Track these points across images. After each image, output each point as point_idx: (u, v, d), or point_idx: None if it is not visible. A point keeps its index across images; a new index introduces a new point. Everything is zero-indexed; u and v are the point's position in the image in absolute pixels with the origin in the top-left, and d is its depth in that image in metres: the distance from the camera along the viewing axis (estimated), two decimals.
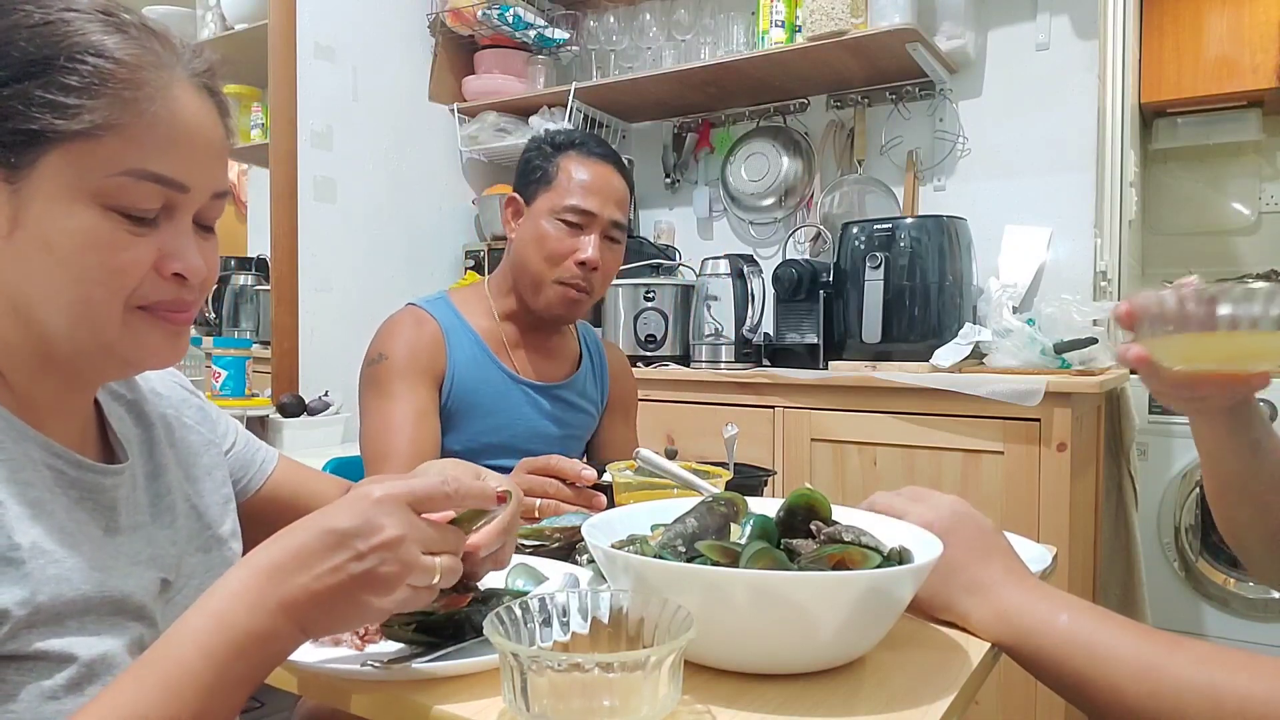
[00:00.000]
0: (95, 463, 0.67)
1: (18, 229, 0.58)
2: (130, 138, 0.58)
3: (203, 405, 0.84)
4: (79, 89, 0.57)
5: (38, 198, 0.58)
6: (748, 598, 0.57)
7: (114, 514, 0.67)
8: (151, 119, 0.59)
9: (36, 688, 0.56)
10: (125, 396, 0.76)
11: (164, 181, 0.60)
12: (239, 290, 2.54)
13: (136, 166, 0.59)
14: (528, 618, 0.57)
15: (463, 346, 1.34)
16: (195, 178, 0.62)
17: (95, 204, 0.58)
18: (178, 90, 0.61)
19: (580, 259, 1.31)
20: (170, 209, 0.62)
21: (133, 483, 0.71)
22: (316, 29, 2.39)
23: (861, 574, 0.61)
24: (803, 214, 2.67)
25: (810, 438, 2.01)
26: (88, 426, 0.70)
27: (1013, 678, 1.74)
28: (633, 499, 0.93)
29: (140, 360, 0.65)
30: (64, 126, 0.57)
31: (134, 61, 0.59)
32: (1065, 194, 2.27)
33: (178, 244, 0.62)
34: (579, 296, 1.34)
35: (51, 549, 0.59)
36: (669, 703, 0.53)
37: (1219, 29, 2.53)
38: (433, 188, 2.79)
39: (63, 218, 0.58)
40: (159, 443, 0.76)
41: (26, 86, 0.57)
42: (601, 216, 1.33)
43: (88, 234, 0.58)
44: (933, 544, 0.68)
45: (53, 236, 0.58)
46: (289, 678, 0.65)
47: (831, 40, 2.19)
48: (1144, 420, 2.42)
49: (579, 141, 1.37)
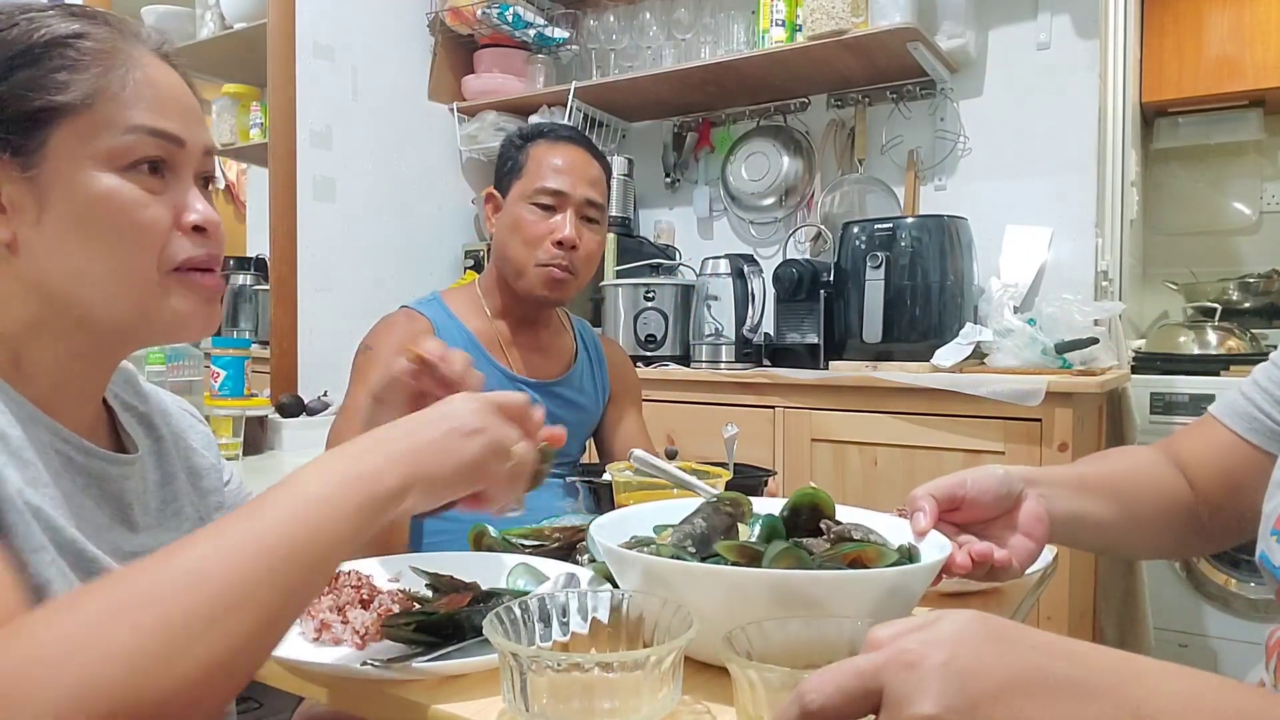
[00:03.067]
0: (104, 450, 0.68)
1: (45, 213, 0.62)
2: (121, 101, 0.63)
3: (208, 434, 0.86)
4: (63, 66, 0.62)
5: (57, 179, 0.62)
6: (771, 597, 0.57)
7: (124, 505, 0.69)
8: (135, 84, 0.64)
9: None
10: (137, 408, 0.77)
11: (163, 135, 0.65)
12: (238, 290, 2.53)
13: (136, 124, 0.63)
14: (527, 618, 0.57)
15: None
16: (187, 131, 0.66)
17: (110, 169, 0.62)
18: (147, 60, 0.66)
19: (557, 238, 1.33)
20: (173, 166, 0.66)
21: (143, 481, 0.72)
22: (316, 28, 2.38)
23: (886, 571, 0.61)
24: (803, 213, 2.67)
25: (810, 438, 2.01)
26: (99, 422, 0.72)
27: None
28: (633, 499, 0.93)
29: (179, 326, 0.68)
30: (60, 100, 0.61)
31: (106, 37, 0.64)
32: (1066, 194, 2.27)
33: (188, 198, 0.67)
34: (562, 276, 1.35)
35: (60, 523, 0.59)
36: (669, 702, 0.53)
37: (1220, 28, 2.53)
38: (432, 187, 2.79)
39: (85, 189, 0.62)
40: (168, 454, 0.77)
41: (17, 76, 0.61)
42: (574, 195, 1.34)
43: (111, 198, 0.62)
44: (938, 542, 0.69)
45: (80, 210, 0.62)
46: (289, 678, 0.65)
47: (832, 39, 2.19)
48: (1145, 420, 2.42)
49: (547, 130, 1.40)
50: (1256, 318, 2.75)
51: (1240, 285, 2.77)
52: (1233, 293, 2.76)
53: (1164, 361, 2.53)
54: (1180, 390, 2.46)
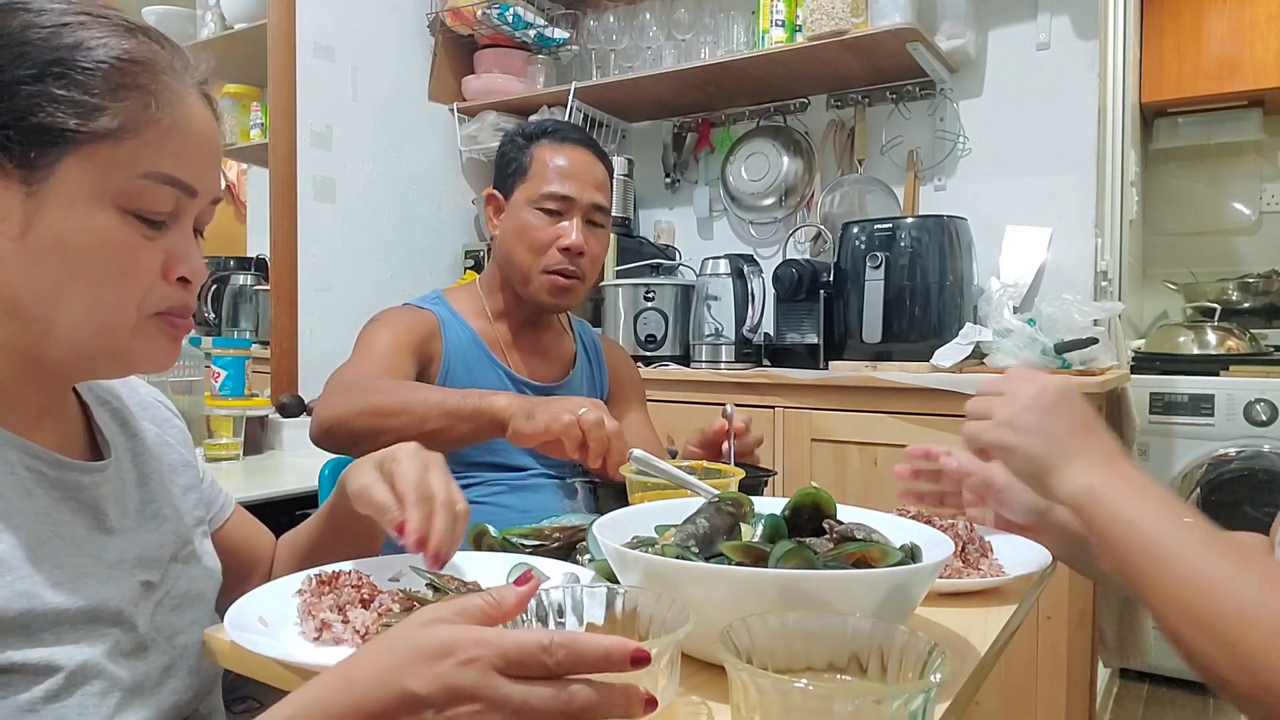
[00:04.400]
0: (76, 461, 0.67)
1: (30, 231, 0.59)
2: (149, 141, 0.60)
3: (183, 429, 0.85)
4: (99, 90, 0.58)
5: (55, 201, 0.58)
6: (779, 597, 0.57)
7: (100, 512, 0.67)
8: (169, 124, 0.61)
9: (14, 701, 0.56)
10: (111, 404, 0.76)
11: (179, 185, 0.62)
12: (238, 290, 2.53)
13: (156, 169, 0.60)
14: (525, 615, 0.57)
15: (459, 340, 1.34)
16: (203, 182, 0.64)
17: (114, 207, 0.60)
18: (189, 97, 0.63)
19: (564, 245, 1.31)
20: (177, 213, 0.63)
21: (120, 483, 0.71)
22: (316, 29, 2.38)
23: (893, 570, 0.61)
24: (803, 214, 2.67)
25: (810, 438, 2.01)
26: (73, 426, 0.71)
27: (1013, 678, 1.73)
28: (647, 499, 0.92)
29: (142, 365, 0.66)
30: (86, 128, 0.58)
31: (152, 65, 0.61)
32: (1066, 194, 2.27)
33: (183, 248, 0.64)
34: (569, 283, 1.33)
35: (18, 565, 0.58)
36: (667, 694, 0.53)
37: (1220, 29, 2.53)
38: (432, 187, 2.79)
39: (82, 219, 0.59)
40: (145, 452, 0.76)
41: (48, 85, 0.57)
42: (581, 200, 1.32)
43: (106, 236, 0.59)
44: (939, 541, 0.69)
45: (70, 238, 0.59)
46: (289, 678, 0.65)
47: (832, 40, 2.19)
48: (1145, 420, 2.42)
49: (551, 129, 1.37)
50: (1256, 318, 2.75)
51: (1240, 285, 2.77)
52: (1232, 293, 2.77)
53: (1163, 361, 2.53)
54: (1180, 390, 2.46)
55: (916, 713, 0.45)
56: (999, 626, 0.74)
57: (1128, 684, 2.60)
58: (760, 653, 0.51)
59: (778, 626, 0.52)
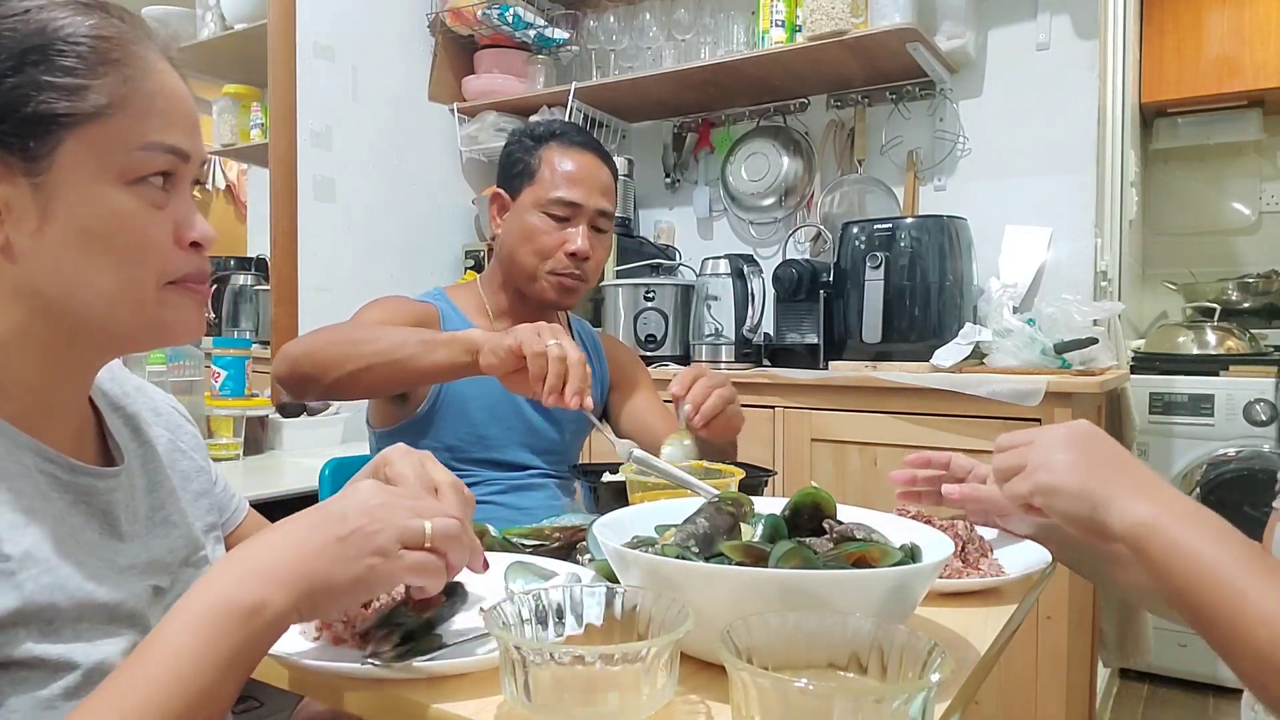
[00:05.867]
0: (90, 465, 0.67)
1: (47, 223, 0.60)
2: (137, 114, 0.61)
3: (196, 434, 0.85)
4: (80, 70, 0.59)
5: (65, 189, 0.60)
6: (779, 597, 0.57)
7: (112, 518, 0.67)
8: (150, 94, 0.62)
9: (31, 697, 0.56)
10: (124, 410, 0.76)
11: (175, 152, 0.63)
12: (239, 290, 2.53)
13: (151, 140, 0.62)
14: (524, 615, 0.57)
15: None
16: (192, 145, 0.65)
17: (120, 184, 0.61)
18: (160, 64, 0.64)
19: (570, 250, 1.32)
20: (175, 180, 0.65)
21: (130, 490, 0.71)
22: (316, 28, 2.38)
23: (894, 570, 0.62)
24: (803, 214, 2.67)
25: (810, 438, 2.01)
26: (85, 430, 0.71)
27: (1013, 678, 1.73)
28: (647, 499, 0.93)
29: (176, 332, 0.67)
30: (75, 109, 0.59)
31: (122, 39, 0.62)
32: (1066, 194, 2.27)
33: (187, 214, 0.66)
34: (573, 284, 1.35)
35: (44, 557, 0.58)
36: (666, 693, 0.53)
37: (1219, 29, 2.53)
38: (432, 187, 2.79)
39: (94, 202, 0.60)
40: (156, 458, 0.76)
41: (30, 74, 0.58)
42: (587, 207, 1.33)
43: (120, 214, 0.61)
44: (939, 541, 0.69)
45: (89, 223, 0.60)
46: (289, 677, 0.65)
47: (832, 40, 2.19)
48: (1145, 421, 2.42)
49: (559, 132, 1.37)
50: (1255, 318, 2.75)
51: (1239, 285, 2.77)
52: (1232, 293, 2.77)
53: (1163, 361, 2.53)
54: (1179, 390, 2.46)
55: (916, 712, 0.46)
56: (999, 626, 0.74)
57: (1128, 684, 2.60)
58: (760, 652, 0.51)
59: (778, 626, 0.52)
